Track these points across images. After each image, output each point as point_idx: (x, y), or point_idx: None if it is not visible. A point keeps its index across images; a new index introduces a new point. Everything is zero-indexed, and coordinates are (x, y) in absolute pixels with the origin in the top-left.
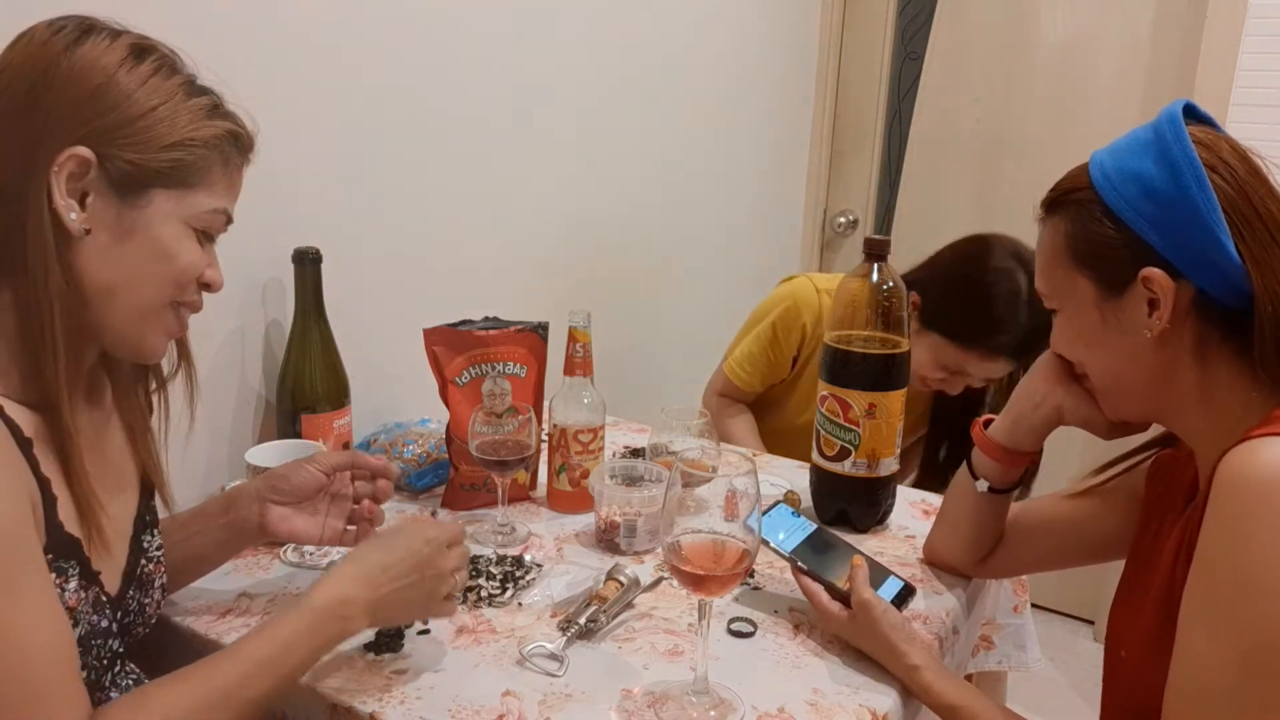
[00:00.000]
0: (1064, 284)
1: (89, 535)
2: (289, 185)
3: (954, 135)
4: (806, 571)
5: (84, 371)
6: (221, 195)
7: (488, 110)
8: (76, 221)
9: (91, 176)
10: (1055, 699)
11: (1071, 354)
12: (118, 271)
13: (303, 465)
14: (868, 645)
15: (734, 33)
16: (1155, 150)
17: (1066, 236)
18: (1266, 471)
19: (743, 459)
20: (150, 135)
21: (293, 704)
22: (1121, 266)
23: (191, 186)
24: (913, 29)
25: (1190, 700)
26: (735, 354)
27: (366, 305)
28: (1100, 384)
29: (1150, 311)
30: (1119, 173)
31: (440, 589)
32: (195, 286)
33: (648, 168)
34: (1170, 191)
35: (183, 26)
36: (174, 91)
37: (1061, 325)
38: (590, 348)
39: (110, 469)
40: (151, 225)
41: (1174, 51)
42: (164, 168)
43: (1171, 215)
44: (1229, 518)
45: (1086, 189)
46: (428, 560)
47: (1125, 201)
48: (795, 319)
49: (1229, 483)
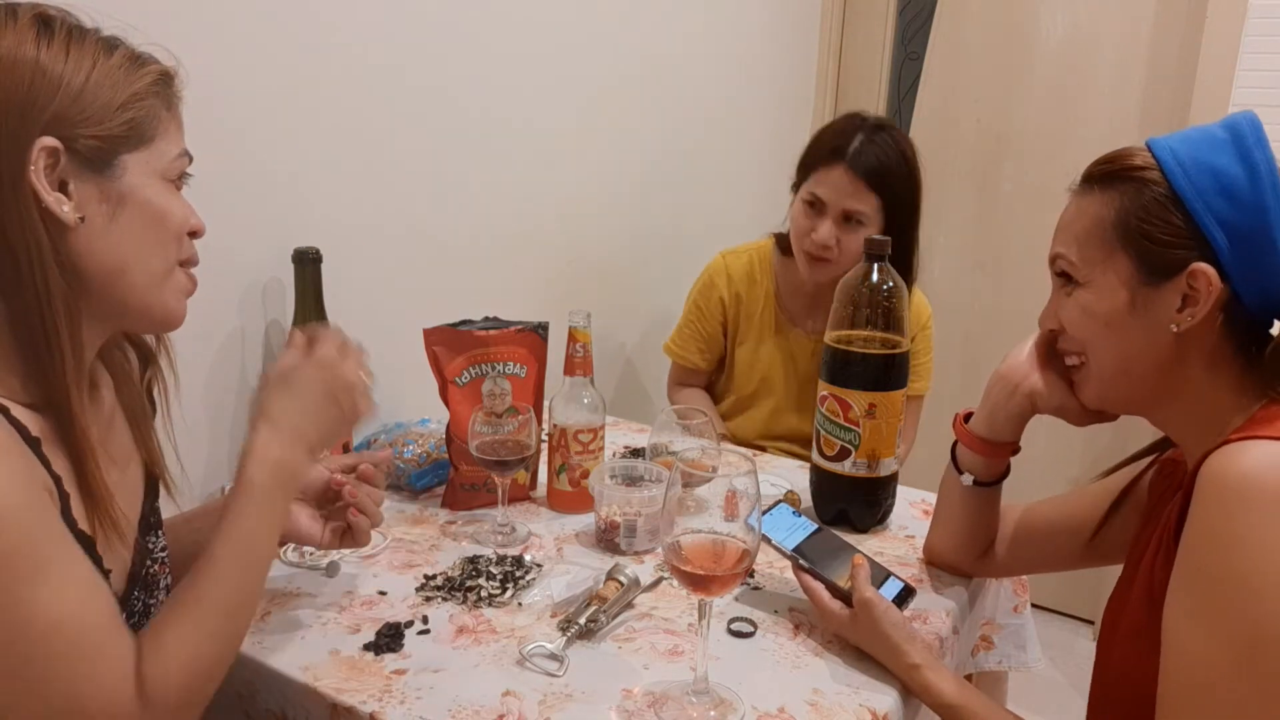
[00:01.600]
0: (1099, 257)
1: (104, 531)
2: (289, 185)
3: (954, 135)
4: (808, 570)
5: (86, 369)
6: (176, 138)
7: (488, 110)
8: (70, 212)
9: (64, 164)
10: (1055, 699)
11: (1081, 331)
12: (122, 247)
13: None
14: (868, 644)
15: (734, 33)
16: (1234, 149)
17: (1119, 212)
18: (1247, 476)
19: (743, 459)
20: (97, 105)
21: (293, 704)
22: (1173, 255)
23: (151, 140)
24: (913, 29)
25: (1188, 698)
26: (670, 338)
27: (366, 305)
28: (1101, 369)
29: (1183, 306)
30: (1194, 163)
31: (358, 404)
32: (188, 241)
33: (648, 168)
34: (1247, 193)
35: (182, 27)
36: (96, 55)
37: (1081, 300)
38: (590, 348)
39: (114, 466)
40: (136, 190)
41: (1174, 51)
42: (123, 131)
43: (1243, 217)
44: (1215, 521)
45: (1154, 169)
46: (333, 380)
47: (1198, 192)
48: (711, 290)
49: (1212, 486)
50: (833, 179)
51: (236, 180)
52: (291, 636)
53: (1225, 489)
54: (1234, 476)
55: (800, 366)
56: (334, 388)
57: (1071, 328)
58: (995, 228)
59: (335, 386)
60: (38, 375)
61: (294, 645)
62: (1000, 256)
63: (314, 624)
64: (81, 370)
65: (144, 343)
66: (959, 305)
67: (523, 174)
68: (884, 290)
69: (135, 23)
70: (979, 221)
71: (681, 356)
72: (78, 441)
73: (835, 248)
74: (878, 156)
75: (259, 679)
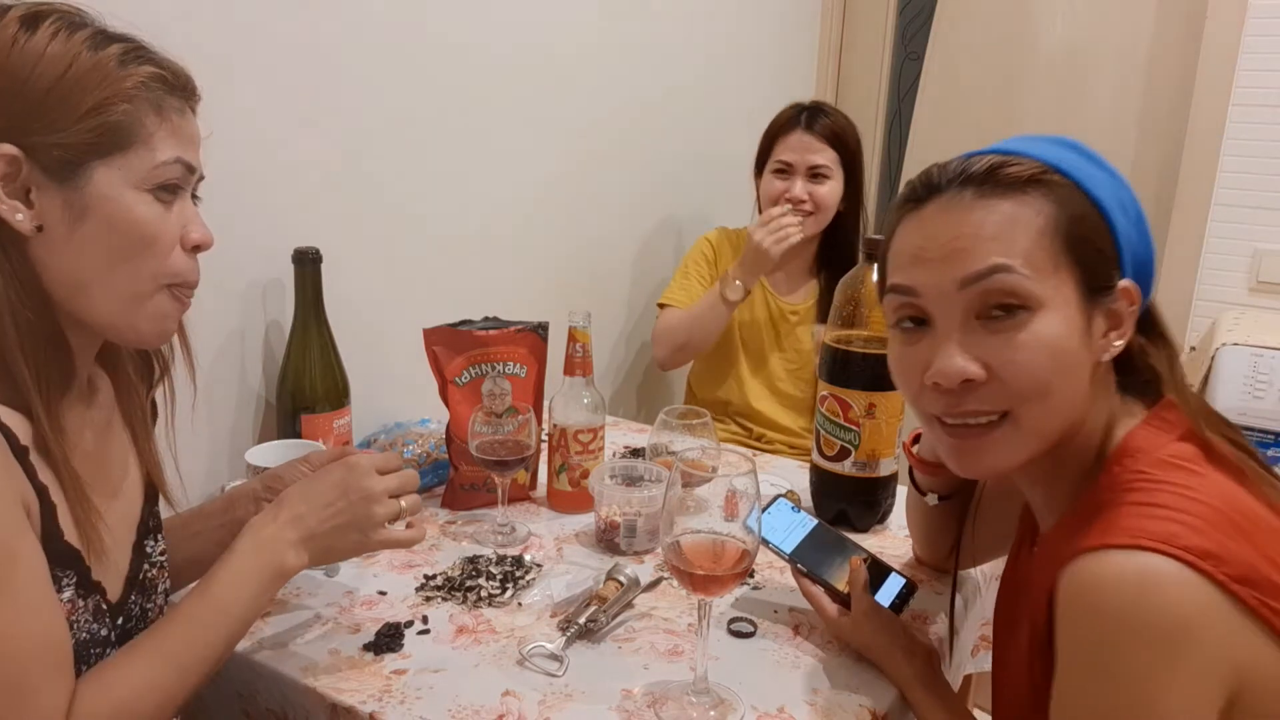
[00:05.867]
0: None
1: (88, 543)
2: (289, 185)
3: (954, 135)
4: (807, 573)
5: (76, 375)
6: (166, 145)
7: (488, 111)
8: (25, 221)
9: (25, 171)
10: None
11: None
12: (82, 261)
13: (297, 465)
14: (870, 652)
15: (735, 33)
16: (1090, 158)
17: (1053, 220)
18: (1116, 596)
19: (743, 459)
20: (63, 110)
21: (293, 704)
22: (1108, 269)
23: (127, 148)
24: (913, 29)
25: None
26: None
27: (366, 305)
28: (1043, 421)
29: (1107, 330)
30: (1084, 169)
31: (374, 512)
32: (182, 254)
33: (648, 168)
34: (1130, 203)
35: (182, 27)
36: (77, 52)
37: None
38: (590, 348)
39: (111, 474)
40: (102, 202)
41: (1174, 52)
42: (90, 139)
43: (1132, 228)
44: (1086, 646)
45: (1055, 174)
46: (351, 484)
47: (1106, 195)
48: (700, 251)
49: (1078, 605)
50: (794, 142)
51: (236, 180)
52: (291, 636)
53: (1098, 610)
54: (1106, 596)
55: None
56: (351, 492)
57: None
58: None
59: (353, 492)
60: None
61: (294, 645)
62: None
63: (314, 624)
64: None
65: (160, 351)
66: None
67: (523, 174)
68: None
69: (134, 23)
70: None
71: (679, 300)
72: (49, 449)
73: (810, 200)
74: (828, 119)
75: (259, 679)
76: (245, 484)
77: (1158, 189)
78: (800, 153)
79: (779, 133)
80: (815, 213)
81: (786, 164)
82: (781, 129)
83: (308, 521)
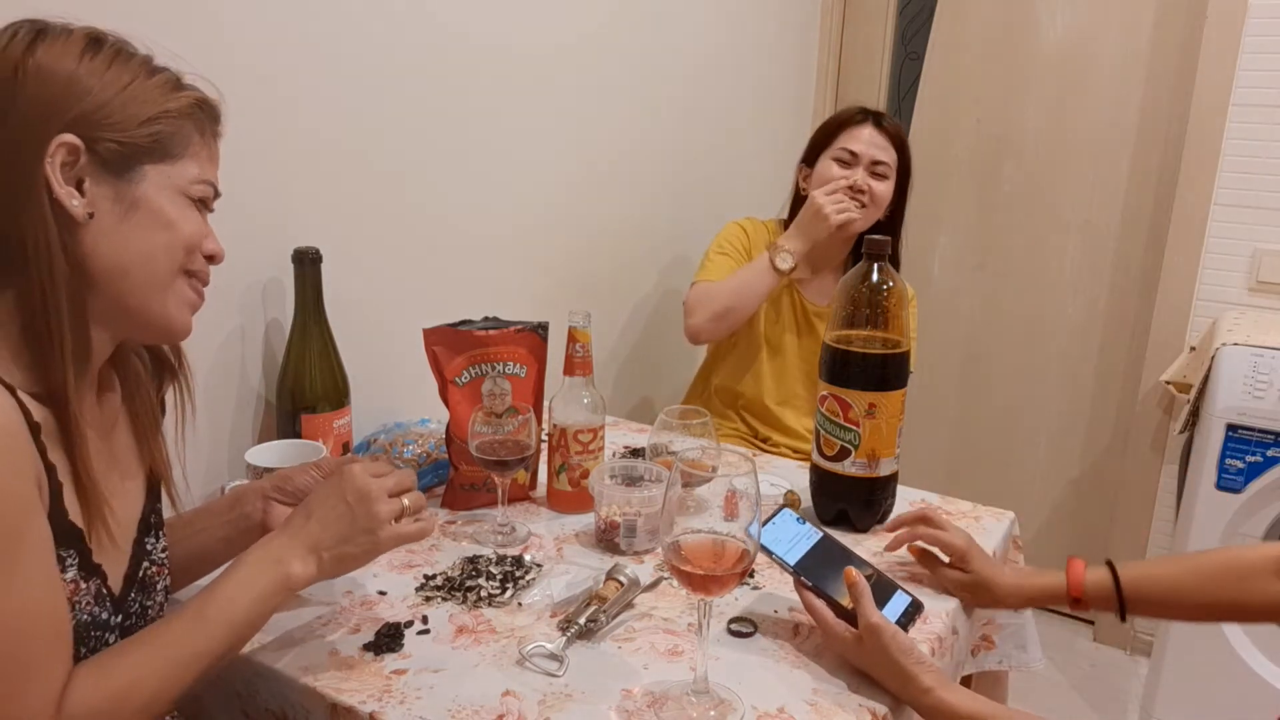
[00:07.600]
0: None
1: (92, 526)
2: (289, 185)
3: (954, 135)
4: (811, 587)
5: (92, 365)
6: (205, 165)
7: (489, 111)
8: (79, 207)
9: (83, 162)
10: (1055, 699)
11: None
12: (128, 249)
13: (306, 469)
14: (876, 671)
15: (735, 33)
16: None
17: None
18: None
19: (743, 459)
20: (127, 113)
21: (292, 703)
22: None
23: (176, 157)
24: (913, 29)
25: None
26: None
27: (366, 305)
28: None
29: None
30: None
31: (376, 510)
32: (200, 257)
33: (648, 167)
34: None
35: (181, 27)
36: (137, 71)
37: None
38: (590, 348)
39: (116, 468)
40: (150, 197)
41: (1174, 51)
42: (147, 142)
43: None
44: None
45: None
46: (348, 489)
47: None
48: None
49: None
50: (864, 135)
51: (236, 180)
52: (291, 636)
53: None
54: None
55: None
56: (350, 494)
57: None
58: (995, 228)
59: (352, 494)
60: (41, 363)
61: (294, 645)
62: (1000, 256)
63: (314, 623)
64: (83, 362)
65: (166, 356)
66: (959, 305)
67: (523, 174)
68: (884, 290)
69: (134, 25)
70: (979, 221)
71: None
72: (70, 431)
73: (868, 192)
74: (895, 124)
75: (259, 678)
76: (253, 482)
77: (1158, 189)
78: (868, 145)
79: (846, 124)
80: (869, 206)
81: (852, 153)
82: (850, 121)
83: (312, 530)
